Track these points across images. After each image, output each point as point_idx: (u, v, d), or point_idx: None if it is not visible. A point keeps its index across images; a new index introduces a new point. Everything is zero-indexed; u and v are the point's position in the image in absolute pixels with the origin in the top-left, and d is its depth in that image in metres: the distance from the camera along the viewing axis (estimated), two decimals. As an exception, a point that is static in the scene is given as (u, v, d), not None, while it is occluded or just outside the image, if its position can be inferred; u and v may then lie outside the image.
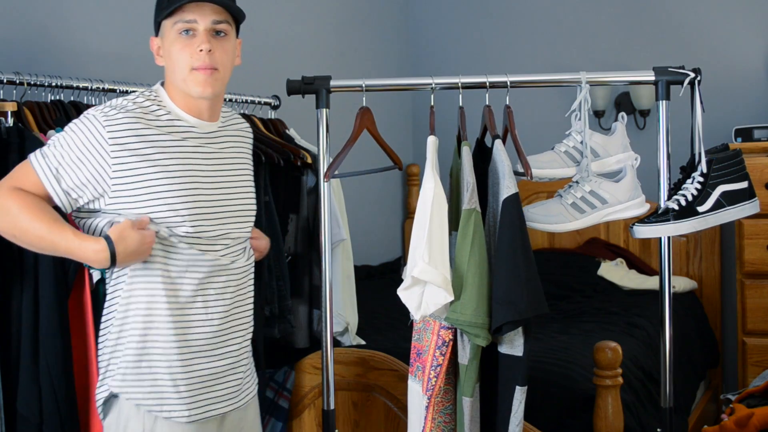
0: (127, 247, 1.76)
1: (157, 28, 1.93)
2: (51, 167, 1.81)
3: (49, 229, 1.76)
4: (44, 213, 1.78)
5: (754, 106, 4.29)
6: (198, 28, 1.86)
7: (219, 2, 1.86)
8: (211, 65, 1.86)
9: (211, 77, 1.87)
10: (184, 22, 1.85)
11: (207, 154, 1.92)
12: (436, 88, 2.34)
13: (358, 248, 3.57)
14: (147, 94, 1.92)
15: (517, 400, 2.06)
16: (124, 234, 1.77)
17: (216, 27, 1.88)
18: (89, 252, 1.76)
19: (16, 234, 1.79)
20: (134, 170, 1.81)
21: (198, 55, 1.85)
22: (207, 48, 1.85)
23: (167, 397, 1.85)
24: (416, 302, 2.05)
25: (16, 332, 2.04)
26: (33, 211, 1.77)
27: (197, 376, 1.88)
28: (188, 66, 1.86)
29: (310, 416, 2.78)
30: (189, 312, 1.88)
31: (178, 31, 1.86)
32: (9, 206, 1.78)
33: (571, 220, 2.24)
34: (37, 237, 1.77)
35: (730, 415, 2.57)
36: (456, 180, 2.20)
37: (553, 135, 2.72)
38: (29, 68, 2.41)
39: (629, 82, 2.49)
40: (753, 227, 3.93)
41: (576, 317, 3.69)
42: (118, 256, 1.76)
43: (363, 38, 4.63)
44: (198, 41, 1.86)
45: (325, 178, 2.30)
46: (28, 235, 1.78)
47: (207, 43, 1.85)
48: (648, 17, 4.57)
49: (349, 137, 2.30)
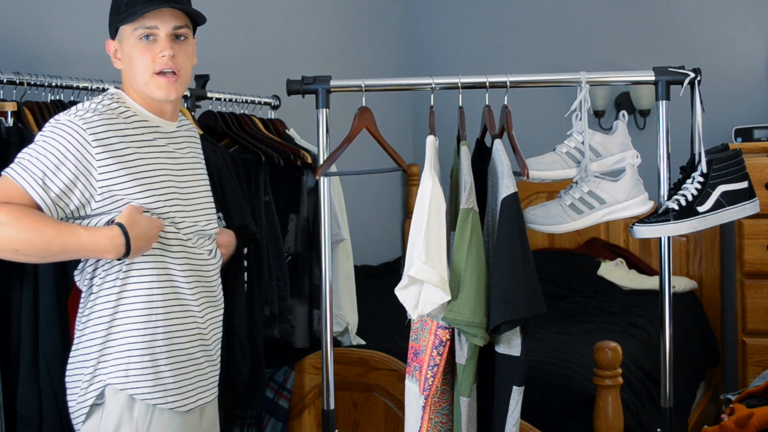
0: (139, 232, 1.76)
1: (114, 31, 1.92)
2: (36, 177, 1.76)
3: (57, 231, 1.73)
4: (44, 218, 1.74)
5: (754, 106, 4.29)
6: (159, 34, 1.88)
7: (179, 8, 1.88)
8: (173, 69, 1.88)
9: (175, 82, 1.90)
10: (145, 28, 1.87)
11: (173, 153, 1.96)
12: (436, 88, 2.34)
13: (358, 248, 3.56)
14: (109, 97, 1.92)
15: (514, 401, 2.06)
16: (134, 218, 1.77)
17: (176, 32, 1.90)
18: (104, 240, 1.74)
19: (17, 248, 1.72)
20: (118, 170, 1.81)
21: (160, 60, 1.87)
22: (170, 54, 1.87)
23: (169, 388, 1.88)
24: (413, 301, 2.05)
25: (16, 332, 2.04)
26: (33, 219, 1.72)
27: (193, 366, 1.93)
28: (150, 70, 1.87)
29: (310, 416, 2.78)
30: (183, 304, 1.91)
31: (138, 36, 1.87)
32: (2, 221, 1.71)
33: (570, 221, 2.24)
34: (45, 242, 1.72)
35: (730, 415, 2.56)
36: (456, 180, 2.20)
37: (553, 135, 2.72)
38: (29, 68, 2.41)
39: (629, 82, 2.49)
40: (753, 227, 3.93)
41: (576, 317, 3.69)
42: (132, 242, 1.76)
43: (363, 38, 4.63)
44: (160, 47, 1.87)
45: (316, 175, 2.30)
46: (33, 244, 1.72)
47: (170, 49, 1.87)
48: (648, 17, 4.57)
49: (346, 136, 2.30)
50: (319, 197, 2.40)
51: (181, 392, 1.90)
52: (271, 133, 3.07)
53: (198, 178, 2.03)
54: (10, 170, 1.78)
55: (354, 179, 3.91)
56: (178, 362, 1.90)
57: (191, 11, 1.91)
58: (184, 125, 2.07)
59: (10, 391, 2.04)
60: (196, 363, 1.94)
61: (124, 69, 1.92)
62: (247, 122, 3.00)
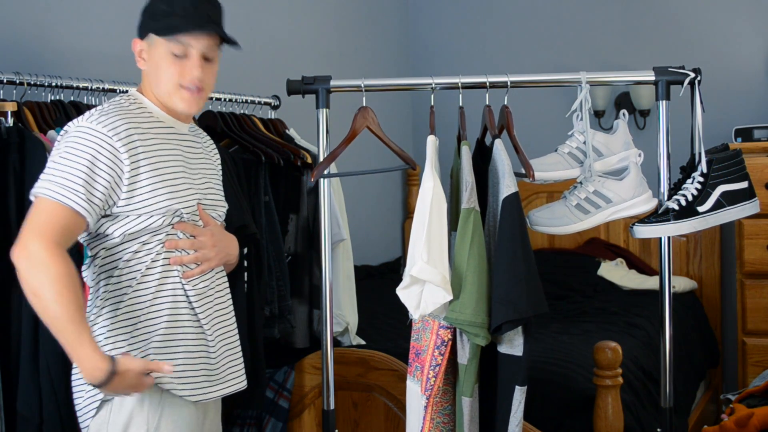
0: (122, 384, 1.73)
1: (143, 32, 1.92)
2: (79, 194, 1.75)
3: (70, 318, 1.70)
4: (72, 295, 1.71)
5: (754, 106, 4.29)
6: (192, 53, 1.89)
7: (217, 31, 1.89)
8: (199, 86, 1.90)
9: (198, 96, 1.92)
10: (179, 44, 1.87)
11: (186, 154, 1.97)
12: (436, 88, 2.34)
13: (358, 248, 3.56)
14: (124, 97, 1.93)
15: (516, 400, 2.06)
16: (128, 375, 1.73)
17: (207, 54, 1.91)
18: (89, 363, 1.70)
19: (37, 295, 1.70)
20: (143, 171, 1.83)
21: (189, 77, 1.88)
22: (199, 75, 1.89)
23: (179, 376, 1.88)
24: (415, 301, 2.05)
25: (16, 332, 2.04)
26: (65, 288, 1.69)
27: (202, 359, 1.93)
28: (176, 81, 1.89)
29: (310, 416, 2.78)
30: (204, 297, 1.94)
31: (170, 51, 1.88)
32: (49, 267, 1.69)
33: (576, 221, 2.24)
34: (54, 314, 1.70)
35: (730, 415, 2.56)
36: (456, 180, 2.20)
37: (554, 135, 2.72)
38: (29, 68, 2.41)
39: (629, 82, 2.49)
40: (753, 227, 3.93)
41: (576, 317, 3.69)
42: (108, 386, 1.72)
43: (363, 38, 4.63)
44: (191, 65, 1.88)
45: (311, 177, 2.30)
46: (48, 306, 1.70)
47: (199, 69, 1.89)
48: (648, 17, 4.56)
49: (345, 137, 2.30)
50: (319, 197, 2.40)
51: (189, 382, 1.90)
52: (271, 133, 3.07)
53: (212, 180, 2.05)
54: (48, 191, 1.75)
55: (354, 179, 3.91)
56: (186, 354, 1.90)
57: (226, 37, 1.92)
58: (197, 131, 2.09)
59: (10, 391, 2.04)
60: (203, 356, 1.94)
61: (148, 72, 1.92)
62: (247, 122, 3.00)
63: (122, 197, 1.82)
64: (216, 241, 1.98)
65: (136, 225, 1.84)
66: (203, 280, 1.96)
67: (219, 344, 1.99)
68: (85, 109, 2.38)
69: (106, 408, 1.86)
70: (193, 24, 1.86)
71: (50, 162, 1.80)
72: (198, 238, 1.94)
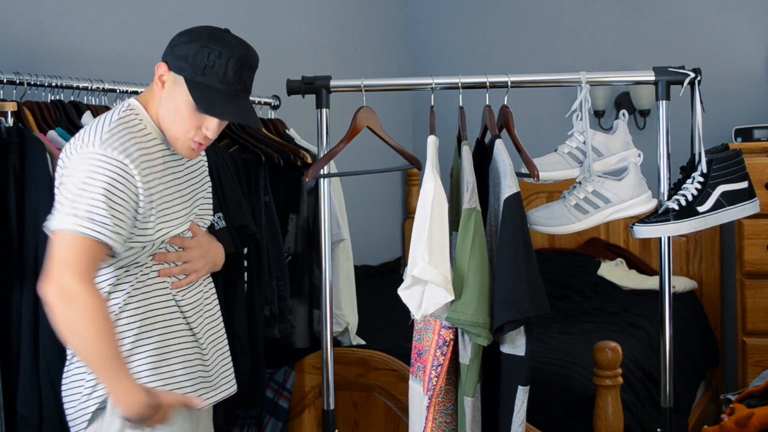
0: (154, 417, 1.75)
1: (175, 68, 1.83)
2: (107, 227, 1.73)
3: (106, 355, 1.71)
4: (108, 329, 1.72)
5: (754, 106, 4.29)
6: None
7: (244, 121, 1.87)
8: (208, 143, 1.90)
9: (201, 149, 1.91)
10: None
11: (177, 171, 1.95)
12: (436, 88, 2.34)
13: (358, 248, 3.56)
14: (126, 112, 1.88)
15: (519, 400, 2.06)
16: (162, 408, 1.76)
17: None
18: (129, 397, 1.72)
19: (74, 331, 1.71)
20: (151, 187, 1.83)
21: (202, 135, 1.86)
22: (213, 137, 1.88)
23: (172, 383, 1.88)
24: (417, 302, 2.05)
25: (16, 332, 2.04)
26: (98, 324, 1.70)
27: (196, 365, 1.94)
28: (188, 135, 1.86)
29: (310, 416, 2.78)
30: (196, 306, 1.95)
31: (195, 107, 1.82)
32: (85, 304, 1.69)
33: (575, 221, 2.24)
34: (90, 354, 1.72)
35: (730, 415, 2.56)
36: (456, 180, 2.20)
37: (554, 135, 2.72)
38: (29, 68, 2.41)
39: (629, 82, 2.49)
40: (753, 227, 3.93)
41: (576, 317, 3.69)
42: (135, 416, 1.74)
43: (363, 38, 4.63)
44: (209, 125, 1.85)
45: (306, 177, 2.29)
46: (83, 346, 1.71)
47: (215, 133, 1.87)
48: (648, 17, 4.56)
49: (343, 137, 2.29)
50: (319, 197, 2.40)
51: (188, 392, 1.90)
52: (271, 133, 3.07)
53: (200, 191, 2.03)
54: (71, 225, 1.71)
55: (354, 179, 3.91)
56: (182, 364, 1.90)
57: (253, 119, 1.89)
58: None
59: (10, 391, 2.04)
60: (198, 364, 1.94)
61: (163, 102, 1.86)
62: (247, 122, 2.99)
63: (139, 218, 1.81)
64: (204, 252, 1.98)
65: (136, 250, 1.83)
66: (196, 291, 1.96)
67: (212, 351, 1.99)
68: (85, 109, 2.39)
69: (99, 419, 1.85)
70: (227, 108, 1.81)
71: (66, 191, 1.75)
72: (187, 250, 1.94)
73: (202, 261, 1.97)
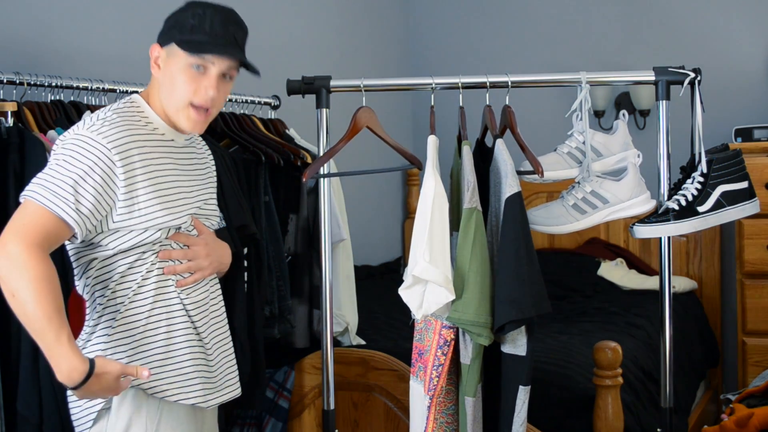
0: (94, 386, 1.68)
1: (165, 41, 1.88)
2: (68, 202, 1.72)
3: (49, 319, 1.66)
4: (51, 295, 1.67)
5: (754, 106, 4.29)
6: (211, 69, 1.86)
7: (239, 57, 1.87)
8: (209, 107, 1.88)
9: (204, 118, 1.89)
10: (201, 59, 1.84)
11: (182, 165, 1.95)
12: (436, 88, 2.34)
13: (358, 248, 3.56)
14: (127, 104, 1.90)
15: (520, 400, 2.06)
16: (104, 377, 1.69)
17: (226, 73, 1.89)
18: (66, 364, 1.66)
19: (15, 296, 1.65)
20: (138, 178, 1.81)
21: (203, 95, 1.86)
22: (213, 95, 1.86)
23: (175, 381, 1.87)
24: (418, 301, 2.05)
25: (16, 332, 2.04)
26: (44, 289, 1.65)
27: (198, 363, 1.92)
28: (188, 100, 1.86)
29: (310, 416, 2.78)
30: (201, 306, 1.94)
31: (191, 64, 1.84)
32: (28, 268, 1.65)
33: (573, 221, 2.24)
34: (30, 318, 1.66)
35: (730, 415, 2.57)
36: (456, 180, 2.20)
37: (554, 135, 2.72)
38: (29, 68, 2.41)
39: (629, 82, 2.50)
40: (753, 227, 3.93)
41: (576, 317, 3.69)
42: (84, 388, 1.68)
43: (363, 38, 4.63)
44: (207, 82, 1.85)
45: (303, 177, 2.29)
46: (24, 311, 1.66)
47: (215, 89, 1.86)
48: (648, 17, 4.57)
49: (341, 138, 2.29)
50: (319, 197, 2.40)
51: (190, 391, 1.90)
52: (271, 133, 3.07)
53: (207, 190, 2.02)
54: (37, 195, 1.72)
55: (354, 179, 3.91)
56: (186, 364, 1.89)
57: (249, 64, 1.90)
58: (193, 139, 2.06)
59: (10, 391, 2.04)
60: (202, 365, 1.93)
61: (162, 82, 1.88)
62: (247, 122, 2.99)
63: (119, 212, 1.79)
64: (210, 251, 1.96)
65: (130, 240, 1.82)
66: (201, 291, 1.95)
67: (216, 352, 1.98)
68: (85, 109, 2.39)
69: (104, 419, 1.85)
70: (220, 46, 1.84)
71: (46, 167, 1.78)
72: (192, 247, 1.93)
73: (208, 260, 1.95)
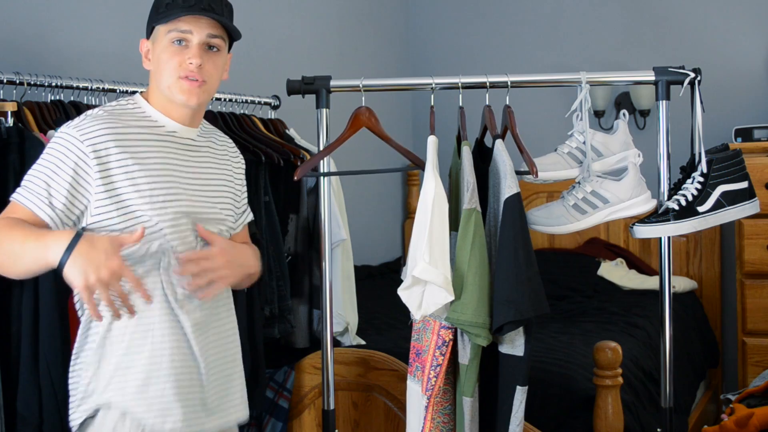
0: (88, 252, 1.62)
1: (149, 31, 1.90)
2: (41, 197, 1.73)
3: (24, 235, 1.67)
4: (22, 226, 1.68)
5: (754, 106, 4.30)
6: (192, 40, 1.84)
7: (217, 18, 1.85)
8: (198, 77, 1.84)
9: (199, 88, 1.85)
10: (179, 31, 1.83)
11: (186, 159, 1.90)
12: (436, 88, 2.34)
13: (358, 248, 3.57)
14: (122, 102, 1.89)
15: (517, 400, 2.06)
16: (96, 241, 1.65)
17: (210, 41, 1.86)
18: (55, 237, 1.64)
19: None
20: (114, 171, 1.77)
21: (187, 65, 1.83)
22: (197, 63, 1.83)
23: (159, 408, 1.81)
24: (417, 302, 2.05)
25: (16, 332, 2.04)
26: (10, 228, 1.68)
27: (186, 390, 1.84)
28: (176, 74, 1.84)
29: (310, 416, 2.78)
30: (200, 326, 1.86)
31: (171, 39, 1.84)
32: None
33: (573, 221, 2.24)
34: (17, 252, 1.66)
35: (730, 415, 2.56)
36: (455, 180, 2.20)
37: (554, 135, 2.73)
38: (29, 68, 2.41)
39: (629, 82, 2.49)
40: (753, 227, 3.93)
41: (576, 317, 3.69)
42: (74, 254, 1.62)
43: (363, 38, 4.63)
44: (190, 53, 1.84)
45: (295, 176, 2.28)
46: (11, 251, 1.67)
47: (198, 58, 1.83)
48: (648, 17, 4.57)
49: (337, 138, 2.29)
50: (319, 197, 2.40)
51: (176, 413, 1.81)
52: (271, 133, 3.08)
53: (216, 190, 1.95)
54: (17, 194, 1.77)
55: (354, 179, 3.91)
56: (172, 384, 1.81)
57: (227, 24, 1.89)
58: (211, 135, 2.02)
59: (10, 391, 2.04)
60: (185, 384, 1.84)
61: (152, 70, 1.88)
62: (247, 122, 3.00)
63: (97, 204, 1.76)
64: (229, 258, 1.88)
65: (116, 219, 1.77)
66: (202, 310, 1.87)
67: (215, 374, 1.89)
68: (85, 109, 2.39)
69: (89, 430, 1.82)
70: (194, 9, 1.82)
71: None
72: (210, 259, 1.84)
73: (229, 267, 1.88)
